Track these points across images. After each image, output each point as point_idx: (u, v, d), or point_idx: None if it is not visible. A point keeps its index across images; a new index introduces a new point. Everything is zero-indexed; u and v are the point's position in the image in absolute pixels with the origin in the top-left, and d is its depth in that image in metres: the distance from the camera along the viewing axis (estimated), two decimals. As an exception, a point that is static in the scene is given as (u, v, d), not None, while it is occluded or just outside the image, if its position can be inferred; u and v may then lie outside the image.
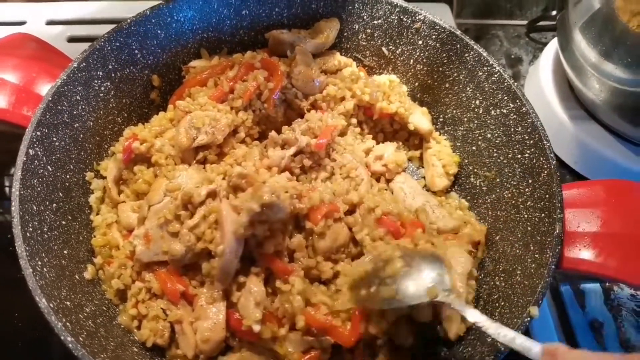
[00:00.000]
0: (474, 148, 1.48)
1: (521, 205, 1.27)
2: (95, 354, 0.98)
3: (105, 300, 1.23)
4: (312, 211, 1.21)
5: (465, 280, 1.18)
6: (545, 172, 1.23)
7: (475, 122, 1.46)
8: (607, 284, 1.49)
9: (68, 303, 1.08)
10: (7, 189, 1.58)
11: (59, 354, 1.31)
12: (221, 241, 1.14)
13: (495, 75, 1.39)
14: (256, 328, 1.12)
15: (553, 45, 1.87)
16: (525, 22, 2.16)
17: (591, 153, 1.65)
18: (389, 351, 1.16)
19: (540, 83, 1.79)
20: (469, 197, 1.48)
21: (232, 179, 1.21)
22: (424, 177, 1.55)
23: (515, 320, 1.04)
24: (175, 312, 1.19)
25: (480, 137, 1.45)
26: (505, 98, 1.37)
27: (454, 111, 1.53)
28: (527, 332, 1.23)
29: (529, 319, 1.03)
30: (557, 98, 1.74)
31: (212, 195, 1.23)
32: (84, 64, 1.34)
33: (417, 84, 1.62)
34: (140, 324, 1.21)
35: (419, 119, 1.54)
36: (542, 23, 2.10)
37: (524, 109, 1.32)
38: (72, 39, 1.90)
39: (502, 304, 1.14)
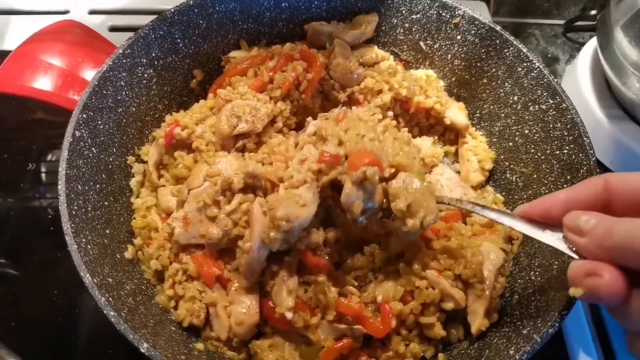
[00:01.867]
0: (510, 144, 1.47)
1: None
2: (136, 329, 0.99)
3: (144, 280, 1.26)
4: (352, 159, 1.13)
5: (493, 277, 1.18)
6: (585, 168, 1.22)
7: (513, 117, 1.46)
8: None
9: (110, 280, 1.10)
10: (43, 175, 1.61)
11: (93, 330, 1.34)
12: (250, 238, 1.15)
13: (535, 71, 1.39)
14: (289, 315, 1.12)
15: (591, 44, 1.85)
16: (562, 22, 2.14)
17: (628, 152, 1.63)
18: (419, 343, 1.18)
19: (577, 82, 1.78)
20: (504, 193, 1.46)
21: (246, 181, 1.22)
22: (459, 172, 1.54)
23: (552, 313, 1.03)
24: (210, 294, 1.21)
25: (517, 133, 1.44)
26: (545, 94, 1.36)
27: (491, 107, 1.53)
28: (558, 331, 1.25)
29: (565, 312, 1.03)
30: (594, 97, 1.73)
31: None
32: (129, 50, 1.37)
33: (454, 79, 1.62)
34: (177, 305, 1.23)
35: (456, 113, 1.54)
36: (579, 23, 2.09)
37: (563, 105, 1.31)
38: (114, 29, 1.94)
39: (539, 297, 1.13)
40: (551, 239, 0.90)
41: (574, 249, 0.85)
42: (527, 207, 0.95)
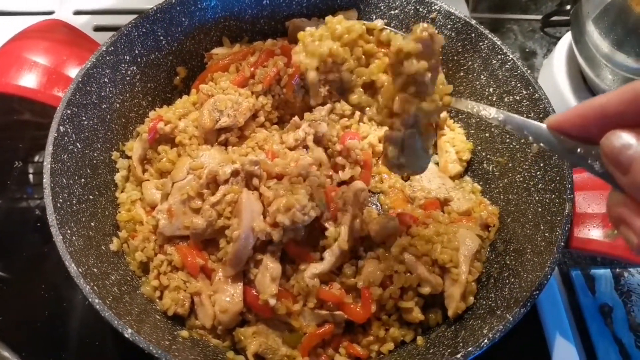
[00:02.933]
0: (487, 135, 1.50)
1: (532, 188, 1.29)
2: (120, 316, 1.02)
3: (129, 271, 1.28)
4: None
5: (469, 262, 1.21)
6: (557, 155, 1.25)
7: None
8: (617, 269, 1.51)
9: (95, 270, 1.13)
10: (30, 176, 1.63)
11: (82, 322, 1.36)
12: (237, 227, 1.18)
13: (509, 63, 1.42)
14: (272, 302, 1.16)
15: (567, 38, 1.89)
16: (540, 17, 2.18)
17: None
18: (399, 327, 1.21)
19: (554, 75, 1.81)
20: (481, 182, 1.49)
21: (245, 167, 1.25)
22: (437, 164, 1.57)
23: (525, 294, 1.07)
24: (195, 284, 1.24)
25: (493, 125, 1.47)
26: (519, 85, 1.39)
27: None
28: (535, 315, 1.30)
29: (537, 292, 1.07)
30: (570, 90, 1.76)
31: (236, 174, 1.28)
32: (112, 48, 1.39)
33: None
34: (162, 295, 1.26)
35: None
36: (556, 18, 2.13)
37: (536, 95, 1.34)
38: (98, 28, 1.96)
39: (512, 280, 1.17)
40: (584, 162, 0.74)
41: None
42: (560, 117, 0.78)
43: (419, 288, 1.18)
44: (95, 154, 1.36)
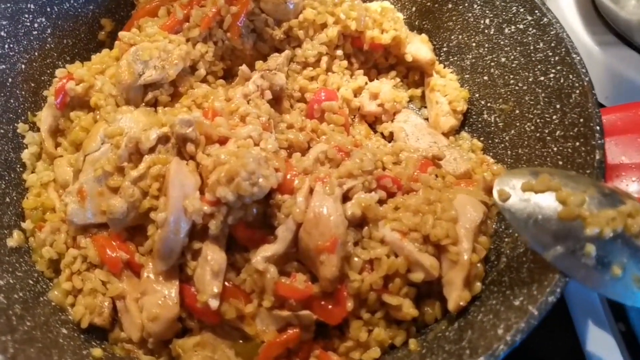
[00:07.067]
0: (485, 78, 1.29)
1: (548, 137, 1.08)
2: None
3: (34, 273, 1.07)
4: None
5: (472, 237, 0.98)
6: (577, 91, 1.04)
7: (486, 45, 1.28)
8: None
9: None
10: None
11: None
12: (164, 208, 0.96)
13: (507, -15, 1.20)
14: (213, 304, 0.94)
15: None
16: None
17: (625, 83, 1.41)
18: (386, 327, 0.99)
19: (560, 9, 1.55)
20: (482, 137, 1.29)
21: (176, 128, 0.99)
22: (427, 119, 1.34)
23: (551, 275, 0.82)
24: (117, 285, 1.02)
25: (492, 64, 1.26)
26: (522, 10, 1.19)
27: (460, 36, 1.34)
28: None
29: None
30: (581, 24, 1.51)
31: (165, 140, 1.03)
32: (7, -8, 1.17)
33: (414, 9, 1.43)
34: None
35: (418, 48, 1.34)
36: None
37: (544, 19, 1.14)
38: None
39: (531, 257, 0.93)
40: None
41: None
42: None
43: (408, 274, 0.96)
44: (-9, 127, 1.15)
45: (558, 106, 1.07)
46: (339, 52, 1.30)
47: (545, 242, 0.81)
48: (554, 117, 1.08)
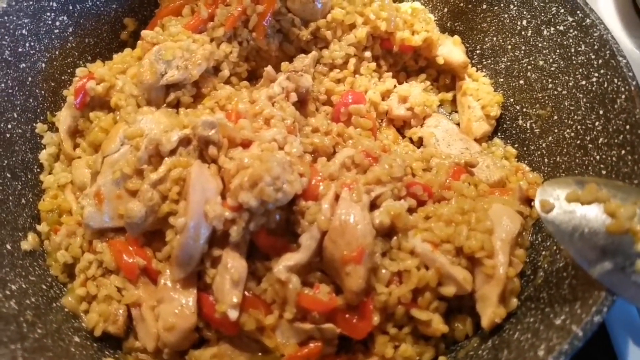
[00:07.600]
0: (521, 82, 1.24)
1: (590, 145, 1.03)
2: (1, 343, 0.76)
3: (47, 277, 1.05)
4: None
5: (508, 250, 0.94)
6: (623, 96, 0.98)
7: (523, 48, 1.24)
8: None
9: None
10: None
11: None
12: (184, 213, 0.92)
13: (545, -16, 1.15)
14: (232, 315, 0.91)
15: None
16: None
17: None
18: (413, 343, 0.95)
19: (598, 9, 1.48)
20: (516, 145, 1.24)
21: (198, 130, 0.97)
22: (459, 124, 1.29)
23: (597, 292, 0.76)
24: (133, 292, 0.99)
25: (529, 67, 1.22)
26: (562, 11, 1.14)
27: (494, 38, 1.29)
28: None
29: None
30: (620, 24, 1.48)
31: (186, 142, 1.00)
32: (29, -11, 1.16)
33: (446, 10, 1.38)
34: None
35: (450, 50, 1.30)
36: None
37: (587, 20, 1.09)
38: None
39: (573, 273, 0.88)
40: None
41: None
42: None
43: (439, 288, 0.93)
44: (9, 126, 1.13)
45: (601, 112, 1.02)
46: (367, 54, 1.26)
47: (592, 257, 0.75)
48: (597, 123, 1.02)
